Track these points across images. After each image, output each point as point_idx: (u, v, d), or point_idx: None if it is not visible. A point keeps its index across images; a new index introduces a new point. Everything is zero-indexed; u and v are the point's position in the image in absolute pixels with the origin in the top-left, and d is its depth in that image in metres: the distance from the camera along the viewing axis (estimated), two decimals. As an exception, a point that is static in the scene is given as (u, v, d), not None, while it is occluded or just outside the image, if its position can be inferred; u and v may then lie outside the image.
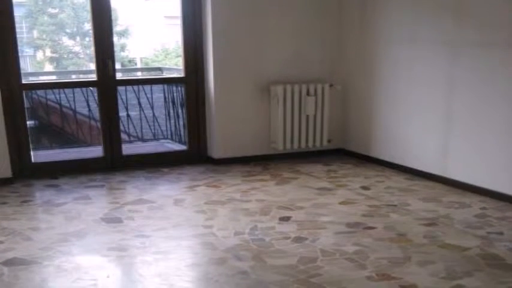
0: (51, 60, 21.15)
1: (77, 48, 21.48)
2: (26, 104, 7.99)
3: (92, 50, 7.79)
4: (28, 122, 7.63)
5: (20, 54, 7.20)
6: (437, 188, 6.68)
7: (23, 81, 7.33)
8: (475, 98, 6.33)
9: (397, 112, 7.41)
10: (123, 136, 9.58)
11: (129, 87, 10.58)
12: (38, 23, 20.71)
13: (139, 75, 15.26)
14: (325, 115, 8.09)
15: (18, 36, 7.11)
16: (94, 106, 9.77)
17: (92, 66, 8.73)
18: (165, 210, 6.01)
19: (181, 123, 9.88)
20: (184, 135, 8.99)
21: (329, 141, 8.22)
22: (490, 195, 6.22)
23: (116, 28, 19.11)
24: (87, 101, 10.85)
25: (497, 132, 6.10)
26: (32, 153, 7.42)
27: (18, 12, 6.93)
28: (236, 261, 4.65)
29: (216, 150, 7.92)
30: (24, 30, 19.93)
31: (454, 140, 6.63)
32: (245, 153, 8.02)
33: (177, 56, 16.59)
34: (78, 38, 21.45)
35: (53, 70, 20.18)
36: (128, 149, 8.54)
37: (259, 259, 4.68)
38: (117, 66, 8.34)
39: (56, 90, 11.39)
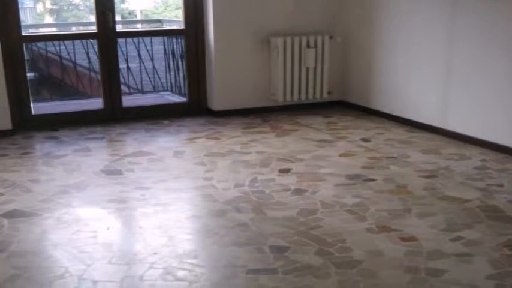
0: (51, 12, 21.00)
1: (77, 0, 21.33)
2: (26, 56, 7.97)
3: (91, 2, 7.72)
4: (28, 74, 7.63)
5: (20, 6, 7.15)
6: (437, 140, 6.67)
7: (23, 33, 7.31)
8: (475, 50, 6.29)
9: (397, 64, 7.37)
10: (123, 88, 9.57)
11: (129, 39, 10.53)
12: (37, -25, 20.55)
13: (139, 27, 15.19)
14: (325, 67, 8.05)
15: (18, -13, 7.06)
16: (94, 58, 9.72)
17: (92, 18, 8.69)
18: (165, 162, 6.01)
19: (181, 75, 9.86)
20: (184, 87, 8.98)
21: (329, 93, 8.20)
22: (490, 147, 6.21)
23: (116, -21, 18.95)
24: (87, 53, 10.80)
25: (498, 85, 6.07)
26: (32, 105, 7.42)
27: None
28: (236, 213, 4.66)
29: (216, 102, 7.90)
30: (23, -19, 19.78)
31: (454, 92, 6.61)
32: (245, 105, 8.00)
33: (177, 8, 16.46)
34: (78, -10, 21.30)
35: (53, 22, 20.03)
36: (127, 101, 8.55)
37: (259, 211, 4.69)
38: (117, 18, 8.29)
39: (56, 42, 11.33)
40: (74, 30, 14.18)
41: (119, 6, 19.14)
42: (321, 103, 8.30)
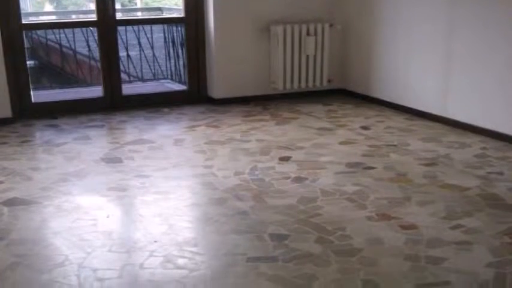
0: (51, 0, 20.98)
1: (77, -12, 21.30)
2: (26, 44, 7.97)
3: (91, -10, 7.73)
4: (28, 62, 7.61)
5: (20, -7, 7.16)
6: (437, 128, 6.67)
7: (23, 21, 7.29)
8: (475, 38, 6.28)
9: (397, 52, 7.36)
10: (123, 76, 9.57)
11: (129, 27, 10.53)
12: (37, -38, 20.50)
13: (139, 15, 15.17)
14: (325, 55, 8.04)
15: (17, -25, 7.04)
16: (94, 46, 9.72)
17: (92, 6, 8.67)
18: (165, 150, 6.01)
19: (181, 63, 9.86)
20: (184, 75, 8.97)
21: (329, 81, 8.19)
22: (490, 135, 6.20)
23: (116, -33, 18.88)
24: (87, 41, 10.81)
25: (498, 73, 6.06)
26: (32, 93, 7.40)
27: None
28: (236, 201, 4.66)
29: (216, 90, 7.89)
30: (23, -31, 19.70)
31: (454, 80, 6.60)
32: (245, 93, 7.99)
33: (177, -4, 16.45)
34: (77, -22, 21.25)
35: (53, 10, 20.01)
36: (127, 89, 8.53)
37: (259, 199, 4.69)
38: (117, 6, 8.27)
39: (56, 30, 11.36)
40: (74, 18, 14.18)
41: (118, -7, 19.12)
42: (321, 91, 8.28)
